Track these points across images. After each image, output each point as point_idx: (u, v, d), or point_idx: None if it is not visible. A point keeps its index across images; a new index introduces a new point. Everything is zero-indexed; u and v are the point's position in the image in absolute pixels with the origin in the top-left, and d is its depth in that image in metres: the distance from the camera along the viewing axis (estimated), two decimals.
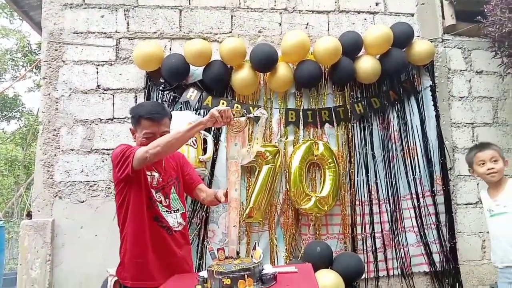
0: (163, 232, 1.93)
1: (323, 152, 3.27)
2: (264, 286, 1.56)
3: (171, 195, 2.02)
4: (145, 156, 1.75)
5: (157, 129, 1.95)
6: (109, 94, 3.40)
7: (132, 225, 1.90)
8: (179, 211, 2.04)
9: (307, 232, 3.32)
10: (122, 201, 1.93)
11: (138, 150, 1.79)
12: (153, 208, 1.92)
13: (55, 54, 3.40)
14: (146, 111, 1.97)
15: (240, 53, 3.21)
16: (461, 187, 3.66)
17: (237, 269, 1.53)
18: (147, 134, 1.93)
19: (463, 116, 3.78)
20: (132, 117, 2.01)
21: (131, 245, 1.90)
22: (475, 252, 3.60)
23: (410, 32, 3.46)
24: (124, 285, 1.93)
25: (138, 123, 1.96)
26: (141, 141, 1.94)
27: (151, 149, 1.75)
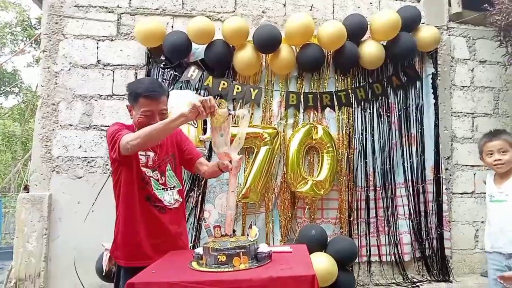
0: (156, 212, 1.92)
1: (322, 137, 3.27)
2: (258, 264, 1.57)
3: (166, 173, 2.00)
4: (126, 147, 1.74)
5: (155, 107, 1.91)
6: (109, 70, 3.37)
7: (123, 206, 1.91)
8: (175, 188, 2.04)
9: (302, 216, 3.34)
10: (117, 180, 1.94)
11: (123, 138, 1.76)
12: (145, 189, 1.91)
13: (55, 27, 3.35)
14: (144, 88, 1.91)
15: (243, 32, 3.17)
16: (458, 177, 3.68)
17: (232, 247, 1.54)
18: (145, 112, 1.89)
19: (464, 106, 3.77)
20: (129, 94, 1.96)
21: (123, 226, 1.91)
22: (468, 241, 3.64)
23: (417, 16, 3.41)
24: (118, 264, 1.95)
25: (135, 100, 1.91)
26: (139, 118, 1.90)
27: (132, 141, 1.72)
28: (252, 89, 3.34)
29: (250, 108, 3.34)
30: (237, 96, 3.31)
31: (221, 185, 3.26)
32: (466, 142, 3.73)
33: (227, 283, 1.42)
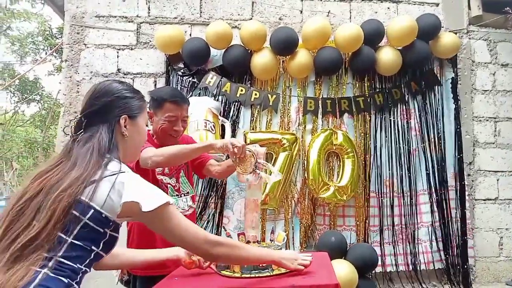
0: None
1: (342, 142, 3.25)
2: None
3: (180, 179, 2.02)
4: (147, 162, 1.75)
5: (180, 113, 1.94)
6: (129, 79, 3.42)
7: None
8: (189, 194, 2.05)
9: (322, 223, 3.32)
10: None
11: (145, 151, 1.77)
12: None
13: (77, 37, 3.44)
14: (170, 94, 1.96)
15: (261, 36, 3.20)
16: (480, 183, 3.60)
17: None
18: (170, 117, 1.91)
19: (486, 110, 3.69)
20: (153, 100, 1.97)
21: (138, 235, 1.91)
22: (492, 248, 3.55)
23: (437, 24, 3.37)
24: (133, 273, 1.94)
25: (160, 106, 1.94)
26: (162, 124, 1.92)
27: (155, 157, 1.74)
28: (269, 95, 3.35)
29: (268, 114, 3.35)
30: (255, 102, 3.32)
31: (239, 191, 3.26)
32: (488, 147, 3.65)
33: None
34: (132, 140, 1.21)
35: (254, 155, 1.80)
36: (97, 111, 1.14)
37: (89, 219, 1.01)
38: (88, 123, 1.14)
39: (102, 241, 1.06)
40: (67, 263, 1.00)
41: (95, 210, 1.01)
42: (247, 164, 1.80)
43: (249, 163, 1.80)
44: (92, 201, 1.01)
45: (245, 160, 1.80)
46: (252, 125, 3.34)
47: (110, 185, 1.03)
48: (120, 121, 1.17)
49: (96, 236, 1.04)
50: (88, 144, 1.10)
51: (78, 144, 1.10)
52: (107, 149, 1.11)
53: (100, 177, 1.03)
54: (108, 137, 1.13)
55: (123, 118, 1.17)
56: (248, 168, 1.80)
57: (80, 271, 1.04)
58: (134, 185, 1.07)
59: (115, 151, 1.14)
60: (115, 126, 1.16)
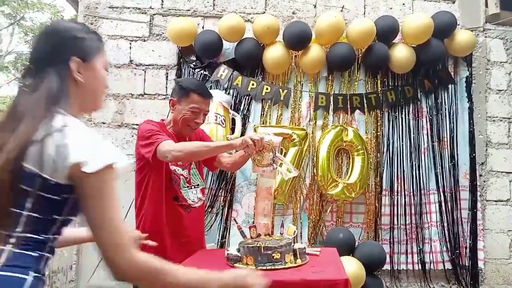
0: (181, 211, 1.93)
1: (352, 139, 3.23)
2: (303, 262, 1.63)
3: (191, 171, 2.03)
4: (166, 156, 1.74)
5: (204, 106, 1.96)
6: (141, 70, 3.43)
7: (151, 206, 1.90)
8: (199, 186, 2.05)
9: (331, 219, 3.30)
10: (141, 179, 1.93)
11: (163, 144, 1.76)
12: (172, 189, 1.92)
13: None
14: (198, 86, 1.98)
15: (274, 30, 3.17)
16: (492, 183, 3.55)
17: (284, 244, 1.61)
18: (194, 108, 1.92)
19: (500, 110, 3.63)
20: (180, 88, 1.97)
21: (150, 224, 1.90)
22: (503, 250, 3.50)
23: (453, 22, 3.31)
24: None
25: (186, 95, 1.93)
26: (185, 113, 1.92)
27: (174, 151, 1.74)
28: (281, 90, 3.33)
29: (279, 109, 3.33)
30: (266, 97, 3.31)
31: (248, 185, 3.25)
32: (501, 148, 3.60)
33: None
34: (87, 86, 1.03)
35: (273, 149, 1.82)
36: (45, 55, 0.99)
37: (39, 189, 0.88)
38: (36, 70, 0.99)
39: (64, 207, 0.94)
40: (30, 236, 0.90)
41: (42, 178, 0.88)
42: (265, 157, 1.82)
43: (266, 155, 1.81)
44: (36, 167, 0.87)
45: (263, 153, 1.82)
46: (262, 119, 3.33)
47: (54, 145, 0.88)
48: (72, 64, 1.00)
49: (54, 204, 0.92)
50: (35, 94, 0.95)
51: (24, 95, 0.96)
52: (56, 98, 0.95)
53: (43, 136, 0.88)
54: (58, 84, 0.97)
55: (75, 61, 1.00)
56: (265, 160, 1.82)
57: (49, 240, 0.95)
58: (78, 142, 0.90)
59: (65, 100, 0.97)
60: (66, 71, 0.99)
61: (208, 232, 3.19)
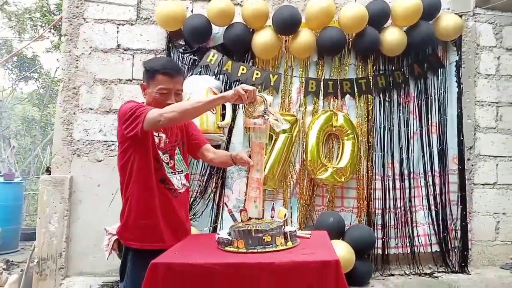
0: (169, 195, 1.87)
1: (342, 124, 3.23)
2: (293, 244, 1.64)
3: (175, 156, 1.95)
4: (159, 119, 1.66)
5: (173, 86, 1.85)
6: (129, 55, 3.37)
7: (138, 187, 1.82)
8: (183, 172, 1.99)
9: (321, 203, 3.32)
10: (126, 162, 1.84)
11: (152, 111, 1.69)
12: (160, 170, 1.85)
13: (76, 11, 3.37)
14: (162, 66, 1.86)
15: (263, 14, 3.14)
16: (479, 167, 3.60)
17: (275, 227, 1.60)
18: (161, 89, 1.83)
19: (488, 95, 3.66)
20: (147, 71, 1.89)
21: (138, 206, 1.82)
22: (489, 232, 3.58)
23: (438, 2, 3.32)
24: (128, 246, 1.85)
25: (152, 78, 1.85)
26: (154, 96, 1.85)
27: (167, 113, 1.66)
28: (271, 75, 3.30)
29: (269, 94, 3.31)
30: (256, 82, 3.28)
31: (239, 171, 3.25)
32: (489, 132, 3.64)
33: (248, 267, 1.42)
34: None
35: (265, 101, 1.80)
36: None
37: None
38: None
39: None
40: None
41: None
42: (256, 109, 1.80)
43: (258, 108, 1.79)
44: None
45: (254, 105, 1.80)
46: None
47: None
48: None
49: None
50: None
51: None
52: None
53: None
54: None
55: None
56: (256, 112, 1.80)
57: None
58: None
59: None
60: None
61: (200, 217, 3.19)
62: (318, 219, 3.16)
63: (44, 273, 3.15)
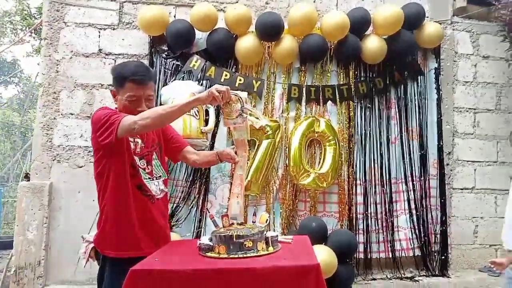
0: (147, 201, 1.83)
1: (324, 130, 3.26)
2: (275, 249, 1.64)
3: (153, 162, 1.91)
4: (133, 127, 1.63)
5: (142, 93, 1.79)
6: (111, 59, 3.35)
7: (114, 194, 1.78)
8: (161, 178, 1.95)
9: (304, 208, 3.34)
10: (101, 170, 1.79)
11: (126, 119, 1.65)
12: (136, 177, 1.81)
13: (56, 15, 3.33)
14: (131, 72, 1.78)
15: (246, 20, 3.16)
16: (458, 172, 3.68)
17: (256, 232, 1.61)
18: (130, 97, 1.77)
19: (466, 101, 3.76)
20: (115, 78, 1.83)
21: (114, 214, 1.78)
22: (467, 236, 3.65)
23: (422, 13, 3.40)
24: (104, 255, 1.82)
25: (121, 85, 1.79)
26: (124, 104, 1.80)
27: (141, 120, 1.62)
28: (254, 81, 3.32)
29: (252, 100, 3.32)
30: (239, 88, 3.29)
31: (222, 176, 3.25)
32: (467, 138, 3.73)
33: (229, 272, 1.42)
34: None
35: (240, 100, 1.79)
36: None
37: None
38: None
39: None
40: None
41: None
42: (233, 108, 1.79)
43: (235, 107, 1.78)
44: None
45: (231, 105, 1.78)
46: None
47: None
48: None
49: None
50: None
51: None
52: None
53: None
54: None
55: None
56: (234, 112, 1.79)
57: None
58: None
59: None
60: None
61: (183, 223, 3.17)
62: (301, 224, 3.17)
63: (21, 282, 3.07)
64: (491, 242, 3.67)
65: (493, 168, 3.74)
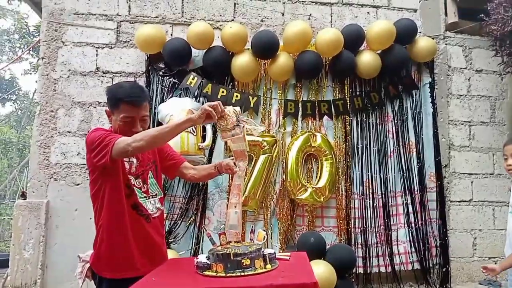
0: (142, 221, 1.82)
1: (320, 144, 3.28)
2: (272, 267, 1.63)
3: (148, 180, 1.91)
4: (127, 149, 1.63)
5: (137, 114, 1.80)
6: (108, 78, 3.38)
7: (109, 215, 1.78)
8: (157, 196, 1.94)
9: (302, 223, 3.33)
10: (97, 190, 1.80)
11: (120, 141, 1.65)
12: (131, 196, 1.81)
13: (54, 35, 3.37)
14: (125, 94, 1.79)
15: (242, 38, 3.20)
16: (455, 185, 3.69)
17: (254, 250, 1.60)
18: (125, 118, 1.78)
19: (461, 114, 3.79)
20: (109, 99, 1.84)
21: (109, 235, 1.78)
22: (466, 249, 3.64)
23: (414, 28, 3.46)
24: (100, 276, 1.80)
25: (116, 106, 1.80)
26: (119, 124, 1.80)
27: (134, 143, 1.62)
28: (251, 97, 3.35)
29: (249, 116, 3.35)
30: (236, 104, 3.31)
31: (220, 192, 3.25)
32: (463, 150, 3.75)
33: None
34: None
35: (235, 112, 1.80)
36: None
37: None
38: None
39: None
40: None
41: None
42: (229, 121, 1.79)
43: (230, 119, 1.79)
44: None
45: (226, 118, 1.79)
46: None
47: None
48: None
49: None
50: None
51: None
52: None
53: None
54: None
55: None
56: (230, 124, 1.79)
57: None
58: None
59: None
60: None
61: (181, 240, 3.16)
62: (299, 239, 3.16)
63: None
64: (490, 254, 3.66)
65: (490, 180, 3.75)
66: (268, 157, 3.20)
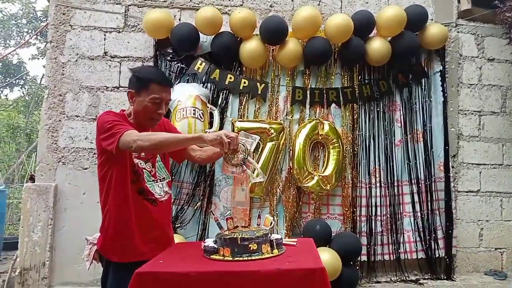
0: (148, 205, 1.84)
1: (328, 132, 3.26)
2: (279, 252, 1.63)
3: (156, 164, 1.92)
4: (131, 145, 1.64)
5: (165, 95, 1.83)
6: (116, 62, 3.37)
7: (115, 200, 1.79)
8: (165, 180, 1.95)
9: (307, 211, 3.34)
10: (105, 173, 1.80)
11: (127, 133, 1.66)
12: (138, 182, 1.82)
13: (62, 18, 3.35)
14: (156, 75, 1.85)
15: (250, 23, 3.17)
16: (463, 175, 3.67)
17: (261, 235, 1.60)
18: (155, 99, 1.79)
19: (471, 104, 3.74)
20: (138, 79, 1.83)
21: (115, 221, 1.80)
22: (473, 239, 3.63)
23: (425, 15, 3.39)
24: (107, 259, 1.83)
25: (145, 86, 1.80)
26: (146, 105, 1.80)
27: (140, 141, 1.64)
28: (258, 84, 3.33)
29: (257, 103, 3.33)
30: (244, 90, 3.30)
31: (226, 179, 3.25)
32: (472, 140, 3.71)
33: (234, 275, 1.42)
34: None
35: (246, 151, 1.78)
36: None
37: None
38: None
39: None
40: None
41: None
42: (236, 158, 1.78)
43: (238, 157, 1.78)
44: None
45: (235, 153, 1.77)
46: (240, 113, 3.32)
47: None
48: None
49: None
50: None
51: None
52: None
53: None
54: None
55: None
56: (235, 160, 1.78)
57: None
58: None
59: None
60: None
61: (187, 225, 3.18)
62: (305, 227, 3.17)
63: (26, 283, 3.09)
64: (496, 245, 3.65)
65: (498, 171, 3.72)
66: (275, 144, 3.18)
